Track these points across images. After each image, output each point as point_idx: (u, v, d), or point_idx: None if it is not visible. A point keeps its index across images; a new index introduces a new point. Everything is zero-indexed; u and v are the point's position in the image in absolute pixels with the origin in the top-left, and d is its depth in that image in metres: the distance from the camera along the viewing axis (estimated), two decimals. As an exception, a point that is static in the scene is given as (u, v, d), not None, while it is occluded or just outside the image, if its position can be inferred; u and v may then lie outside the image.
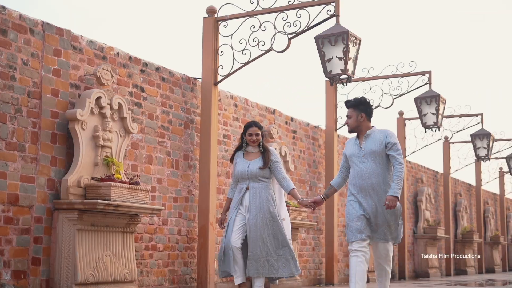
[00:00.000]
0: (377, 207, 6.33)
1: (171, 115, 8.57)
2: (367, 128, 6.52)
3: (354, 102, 6.58)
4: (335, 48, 8.28)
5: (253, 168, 6.97)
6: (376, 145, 6.40)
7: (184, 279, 8.60)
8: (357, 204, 6.41)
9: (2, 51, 6.35)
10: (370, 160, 6.40)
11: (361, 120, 6.51)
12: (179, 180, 8.64)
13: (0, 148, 6.28)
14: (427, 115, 12.34)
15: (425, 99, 12.33)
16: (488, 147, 15.96)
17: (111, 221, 7.00)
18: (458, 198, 20.04)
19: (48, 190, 6.73)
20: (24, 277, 6.44)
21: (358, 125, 6.52)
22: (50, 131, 6.78)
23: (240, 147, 7.20)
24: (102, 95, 7.12)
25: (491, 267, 21.81)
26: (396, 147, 6.38)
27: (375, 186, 6.35)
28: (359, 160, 6.46)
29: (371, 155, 6.40)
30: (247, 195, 6.95)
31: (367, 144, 6.44)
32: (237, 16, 8.82)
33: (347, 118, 6.58)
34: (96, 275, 6.77)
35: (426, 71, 12.32)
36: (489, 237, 22.11)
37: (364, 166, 6.41)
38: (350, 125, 6.58)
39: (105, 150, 7.16)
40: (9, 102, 6.39)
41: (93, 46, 7.43)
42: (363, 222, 6.32)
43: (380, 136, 6.44)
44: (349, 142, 6.64)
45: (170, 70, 8.62)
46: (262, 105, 10.69)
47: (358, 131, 6.55)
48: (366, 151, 6.43)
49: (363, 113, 6.51)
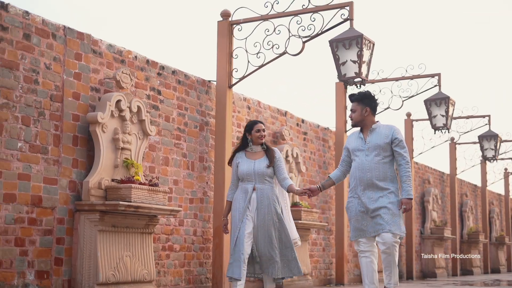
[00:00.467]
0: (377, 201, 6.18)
1: (187, 118, 8.69)
2: (372, 122, 6.41)
3: (359, 96, 6.48)
4: (349, 51, 8.40)
5: (260, 167, 6.82)
6: (381, 139, 6.29)
7: (199, 279, 8.72)
8: (356, 200, 6.31)
9: (26, 56, 6.47)
10: (374, 154, 6.28)
11: (366, 114, 6.40)
12: (195, 182, 8.75)
13: (24, 151, 6.40)
14: (436, 117, 12.45)
15: (435, 101, 12.44)
16: (496, 148, 16.06)
17: (131, 222, 7.12)
18: (464, 198, 20.14)
19: (70, 191, 6.85)
20: (47, 277, 6.56)
21: (363, 119, 6.42)
22: (72, 133, 6.90)
23: (240, 147, 7.04)
24: (122, 98, 7.24)
25: (496, 268, 21.90)
26: (403, 144, 6.30)
27: (375, 180, 6.22)
28: (362, 154, 6.34)
29: (376, 149, 6.29)
30: (254, 196, 6.78)
31: (372, 138, 6.33)
32: (251, 19, 8.93)
33: (351, 112, 6.49)
34: (116, 275, 6.89)
35: (435, 74, 12.44)
36: (495, 237, 22.20)
37: (366, 159, 6.30)
38: (354, 119, 6.47)
39: (124, 152, 7.28)
40: (33, 106, 6.51)
41: (112, 50, 7.55)
42: (363, 219, 6.24)
43: (386, 131, 6.34)
44: (352, 136, 6.53)
45: (185, 73, 8.74)
46: (274, 107, 10.81)
47: (362, 125, 6.45)
48: (370, 144, 6.32)
49: (367, 107, 6.40)
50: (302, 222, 10.00)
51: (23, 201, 6.36)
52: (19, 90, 6.38)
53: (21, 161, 6.36)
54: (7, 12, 6.32)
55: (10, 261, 6.20)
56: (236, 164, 6.95)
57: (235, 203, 6.85)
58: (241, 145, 7.05)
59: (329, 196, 12.36)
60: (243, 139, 7.04)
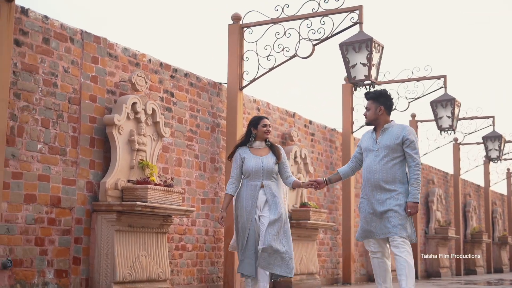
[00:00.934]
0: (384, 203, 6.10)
1: (199, 119, 8.84)
2: (385, 121, 6.29)
3: (374, 94, 6.36)
4: (359, 54, 8.55)
5: (269, 164, 6.63)
6: (391, 140, 6.16)
7: (211, 278, 8.86)
8: (366, 201, 6.25)
9: (45, 59, 6.61)
10: (383, 155, 6.16)
11: (380, 113, 6.28)
12: (206, 182, 8.90)
13: (44, 152, 6.54)
14: (442, 118, 12.60)
15: (441, 102, 12.58)
16: (500, 149, 16.20)
17: (146, 222, 7.26)
18: (467, 199, 20.27)
19: (87, 192, 6.99)
20: (66, 276, 6.71)
21: (376, 118, 6.30)
22: (89, 135, 7.04)
23: (243, 142, 6.82)
24: (137, 101, 7.38)
25: (499, 267, 22.02)
26: (414, 145, 6.14)
27: (382, 183, 6.12)
28: (372, 154, 6.24)
29: (385, 149, 6.16)
30: (261, 193, 6.57)
31: (383, 139, 6.21)
32: (262, 23, 9.08)
33: (366, 110, 6.38)
34: (133, 274, 7.04)
35: (441, 75, 12.58)
36: (497, 237, 22.32)
37: (375, 160, 6.19)
38: (368, 117, 6.35)
39: (139, 154, 7.42)
40: (52, 108, 6.65)
41: (127, 53, 7.70)
42: (372, 220, 6.17)
43: (398, 131, 6.19)
44: (366, 134, 6.43)
45: (197, 76, 8.88)
46: (283, 108, 10.95)
47: (375, 124, 6.32)
48: (381, 145, 6.20)
49: (382, 106, 6.27)
50: (310, 222, 10.14)
51: (43, 201, 6.50)
52: (38, 93, 6.52)
53: (41, 163, 6.50)
54: (27, 17, 6.46)
55: (31, 260, 6.34)
56: (241, 159, 6.68)
57: (242, 202, 6.60)
58: (245, 140, 6.84)
59: (336, 196, 12.50)
60: (247, 134, 6.84)
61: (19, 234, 6.25)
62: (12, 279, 6.14)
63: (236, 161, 6.71)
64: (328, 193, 12.24)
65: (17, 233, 6.22)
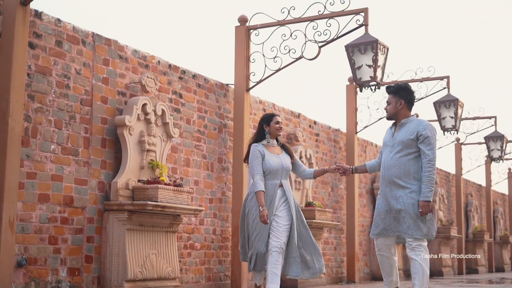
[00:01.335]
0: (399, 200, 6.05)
1: (206, 120, 8.96)
2: (405, 116, 6.21)
3: (394, 88, 6.30)
4: (364, 56, 8.67)
5: (287, 163, 6.64)
6: (406, 135, 6.09)
7: (219, 277, 8.98)
8: (382, 197, 6.22)
9: (58, 62, 6.74)
10: (397, 150, 6.11)
11: (400, 107, 6.20)
12: (214, 182, 9.02)
13: (57, 153, 6.66)
14: (445, 118, 12.71)
15: (444, 103, 12.69)
16: (502, 149, 16.31)
17: (156, 221, 7.38)
18: (469, 198, 20.39)
19: (99, 192, 7.11)
20: (78, 274, 6.83)
21: (396, 112, 6.22)
22: (100, 136, 7.17)
23: (257, 139, 6.74)
24: (147, 102, 7.50)
25: (500, 266, 22.13)
26: (429, 141, 6.03)
27: (394, 179, 6.07)
28: (388, 150, 6.21)
29: (400, 145, 6.10)
30: (279, 193, 6.56)
31: (399, 134, 6.15)
32: (268, 25, 9.20)
33: (387, 104, 6.32)
34: (144, 272, 7.16)
35: (444, 76, 12.69)
36: (499, 236, 22.44)
37: (389, 156, 6.16)
38: (388, 111, 6.29)
39: (149, 154, 7.54)
40: (64, 110, 6.77)
41: (137, 55, 7.82)
42: (385, 217, 6.14)
43: (413, 127, 6.11)
44: (387, 129, 6.38)
45: (205, 77, 9.00)
46: (288, 109, 11.07)
47: (395, 118, 6.25)
48: (396, 140, 6.15)
49: (402, 100, 6.19)
50: (316, 222, 10.25)
51: (56, 201, 6.63)
52: (52, 94, 6.64)
53: (54, 163, 6.63)
54: (41, 20, 6.58)
55: (45, 259, 6.46)
56: (261, 155, 6.57)
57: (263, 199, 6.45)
58: (258, 137, 6.76)
59: (340, 196, 12.62)
60: (260, 131, 6.77)
61: (33, 233, 6.37)
62: (27, 277, 6.26)
63: (258, 158, 6.56)
64: (332, 193, 12.37)
65: (31, 232, 6.35)
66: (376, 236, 6.29)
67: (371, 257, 13.62)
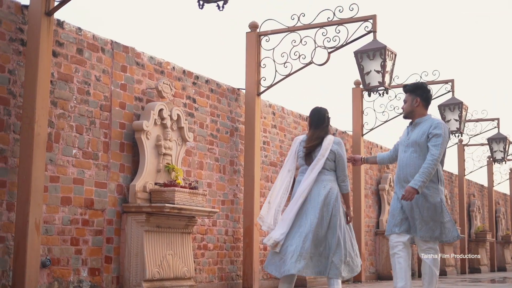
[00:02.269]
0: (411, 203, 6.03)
1: (219, 124, 9.18)
2: (421, 115, 6.19)
3: (411, 87, 6.30)
4: (373, 62, 8.90)
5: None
6: (419, 135, 6.07)
7: (231, 276, 9.20)
8: (396, 197, 6.22)
9: (79, 69, 6.95)
10: (411, 150, 6.10)
11: (416, 105, 6.19)
12: (226, 184, 9.23)
13: (78, 157, 6.88)
14: (450, 121, 12.92)
15: (449, 106, 12.90)
16: (505, 150, 16.51)
17: (173, 223, 7.59)
18: (471, 199, 20.58)
19: (117, 194, 7.33)
20: (98, 274, 7.04)
21: (412, 110, 6.21)
22: (119, 141, 7.38)
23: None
24: (164, 107, 7.72)
25: (502, 266, 22.31)
26: (437, 139, 5.97)
27: (409, 178, 6.03)
28: (402, 149, 6.21)
29: (414, 145, 6.09)
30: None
31: (414, 133, 6.14)
32: (278, 31, 9.41)
33: (404, 103, 6.32)
34: (161, 272, 7.37)
35: (449, 80, 12.91)
36: (500, 236, 22.62)
37: (404, 155, 6.14)
38: (404, 110, 6.29)
39: (166, 158, 7.75)
40: (85, 115, 6.99)
41: (153, 61, 8.03)
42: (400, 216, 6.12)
43: (426, 126, 6.07)
44: (405, 128, 6.36)
45: (217, 82, 9.22)
46: (297, 112, 11.28)
47: (411, 117, 6.24)
48: (410, 140, 6.13)
49: (418, 98, 6.18)
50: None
51: (78, 203, 6.84)
52: (73, 101, 6.86)
53: (76, 167, 6.84)
54: (63, 29, 6.80)
55: (67, 259, 6.68)
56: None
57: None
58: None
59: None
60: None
61: (56, 234, 6.58)
62: (50, 277, 6.48)
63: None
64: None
65: (54, 234, 6.56)
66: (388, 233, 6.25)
67: (376, 257, 13.84)
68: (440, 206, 6.06)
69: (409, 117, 6.28)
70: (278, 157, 10.50)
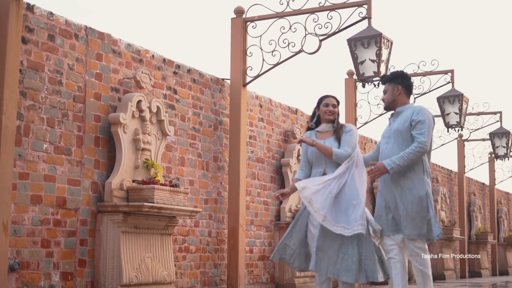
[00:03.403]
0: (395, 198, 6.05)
1: (202, 117, 9.16)
2: (403, 103, 6.16)
3: (390, 76, 6.32)
4: (367, 50, 8.89)
5: None
6: (401, 124, 6.02)
7: (214, 281, 9.20)
8: (379, 194, 6.23)
9: (50, 57, 6.91)
10: (393, 141, 6.06)
11: (397, 94, 6.16)
12: (209, 182, 9.23)
13: (49, 152, 6.85)
14: (450, 114, 12.94)
15: (448, 98, 12.92)
16: (507, 146, 16.56)
17: (152, 223, 7.58)
18: (472, 197, 20.67)
19: (92, 193, 7.30)
20: (71, 279, 7.02)
21: (394, 100, 6.19)
22: (94, 134, 7.35)
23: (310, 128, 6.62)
24: (142, 99, 7.69)
25: (504, 269, 22.40)
26: (421, 126, 5.92)
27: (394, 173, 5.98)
28: (384, 141, 6.17)
29: (396, 135, 6.05)
30: None
31: (395, 123, 6.10)
32: (266, 17, 9.39)
33: (383, 94, 6.28)
34: (139, 276, 7.36)
35: (448, 70, 12.93)
36: (503, 238, 22.68)
37: (386, 147, 6.10)
38: (385, 100, 6.24)
39: (144, 153, 7.73)
40: (57, 107, 6.95)
41: (130, 49, 8.00)
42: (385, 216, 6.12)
43: (408, 114, 6.04)
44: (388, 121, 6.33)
45: (200, 72, 9.20)
46: (285, 105, 11.28)
47: (393, 106, 6.20)
48: (392, 130, 6.10)
49: (399, 86, 6.17)
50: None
51: (49, 202, 6.81)
52: (44, 91, 6.82)
53: (47, 163, 6.81)
54: (33, 14, 6.75)
55: (37, 263, 6.65)
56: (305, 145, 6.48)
57: None
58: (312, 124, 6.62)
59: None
60: (313, 116, 6.64)
61: (25, 236, 6.55)
62: (19, 281, 6.45)
63: (303, 147, 6.53)
64: (330, 193, 12.57)
65: (24, 235, 6.53)
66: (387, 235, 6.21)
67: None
68: (426, 200, 6.01)
69: (391, 108, 6.26)
70: (266, 152, 10.50)
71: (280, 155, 10.86)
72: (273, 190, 10.52)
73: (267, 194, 10.40)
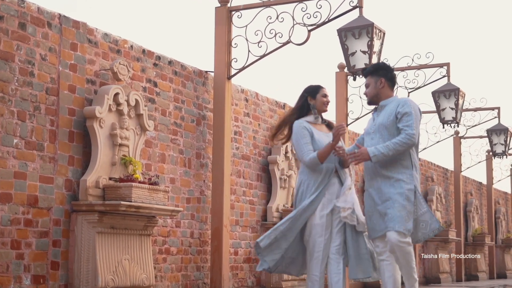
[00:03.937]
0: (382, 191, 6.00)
1: (184, 111, 9.04)
2: (387, 96, 6.15)
3: (371, 68, 6.29)
4: (359, 41, 8.81)
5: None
6: (386, 117, 6.01)
7: (196, 284, 9.09)
8: (366, 193, 6.20)
9: (21, 46, 6.78)
10: (378, 136, 6.03)
11: (381, 86, 6.15)
12: (192, 180, 9.11)
13: (20, 148, 6.71)
14: (445, 110, 12.88)
15: (444, 92, 12.87)
16: (506, 143, 16.53)
17: (129, 223, 7.46)
18: (468, 197, 20.63)
19: (66, 191, 7.18)
20: (43, 282, 6.89)
21: (377, 93, 6.17)
22: (67, 129, 7.22)
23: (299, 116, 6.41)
24: (120, 91, 7.57)
25: (502, 272, 22.42)
26: (408, 118, 5.88)
27: (379, 169, 6.01)
28: (369, 138, 6.12)
29: (381, 129, 6.03)
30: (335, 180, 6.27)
31: (379, 117, 6.09)
32: (252, 6, 9.28)
33: (366, 87, 6.25)
34: (116, 279, 7.24)
35: (444, 63, 12.88)
36: (500, 239, 22.68)
37: (371, 143, 6.04)
38: (368, 94, 6.22)
39: (122, 149, 7.61)
40: (28, 100, 6.82)
41: (108, 39, 7.87)
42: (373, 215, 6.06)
43: (393, 106, 6.02)
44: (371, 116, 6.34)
45: (182, 64, 9.08)
46: (272, 99, 11.18)
47: (377, 100, 6.19)
48: (377, 124, 6.08)
49: (382, 78, 6.15)
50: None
51: (19, 201, 6.68)
52: (14, 83, 6.68)
53: (17, 159, 6.67)
54: (2, 0, 6.61)
55: (7, 265, 6.52)
56: (310, 133, 6.26)
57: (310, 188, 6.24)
58: (301, 113, 6.43)
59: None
60: (303, 105, 6.44)
61: (-6, 236, 6.43)
62: (-13, 285, 6.32)
63: (306, 136, 6.25)
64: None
65: (-8, 236, 6.41)
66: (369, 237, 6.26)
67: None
68: (414, 194, 5.97)
69: (375, 101, 6.24)
70: (252, 149, 10.39)
71: (267, 152, 10.75)
72: (259, 188, 10.42)
73: (253, 193, 10.29)
